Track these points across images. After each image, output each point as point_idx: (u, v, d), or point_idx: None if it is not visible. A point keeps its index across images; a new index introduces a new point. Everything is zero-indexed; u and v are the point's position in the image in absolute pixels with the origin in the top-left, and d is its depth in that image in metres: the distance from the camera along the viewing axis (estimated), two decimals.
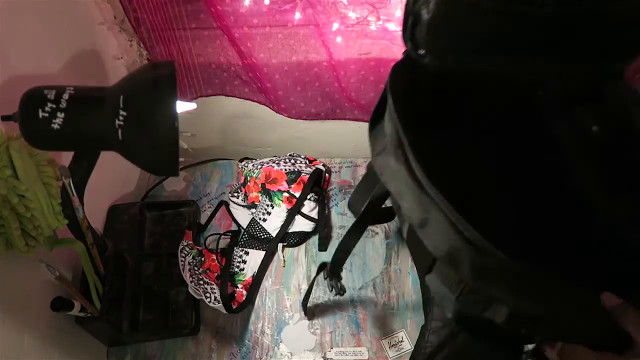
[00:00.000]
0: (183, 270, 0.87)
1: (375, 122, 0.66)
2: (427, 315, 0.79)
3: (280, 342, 0.87)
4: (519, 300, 0.49)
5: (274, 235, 0.98)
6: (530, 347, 0.58)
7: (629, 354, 0.47)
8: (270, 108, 1.10)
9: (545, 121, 0.68)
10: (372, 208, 0.74)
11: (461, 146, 0.71)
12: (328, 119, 1.13)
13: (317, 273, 0.85)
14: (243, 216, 1.03)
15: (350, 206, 0.96)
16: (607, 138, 0.67)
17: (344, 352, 0.85)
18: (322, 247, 0.99)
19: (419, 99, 0.69)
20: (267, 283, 0.95)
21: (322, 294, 0.93)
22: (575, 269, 0.52)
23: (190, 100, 1.06)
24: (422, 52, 0.66)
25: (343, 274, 0.94)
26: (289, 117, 1.10)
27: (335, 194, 1.09)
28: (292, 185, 1.00)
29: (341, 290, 0.87)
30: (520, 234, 0.59)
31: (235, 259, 0.97)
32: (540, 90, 0.70)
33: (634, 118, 0.64)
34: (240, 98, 1.08)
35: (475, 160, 0.68)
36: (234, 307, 0.88)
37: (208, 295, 0.84)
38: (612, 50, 0.62)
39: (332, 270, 0.83)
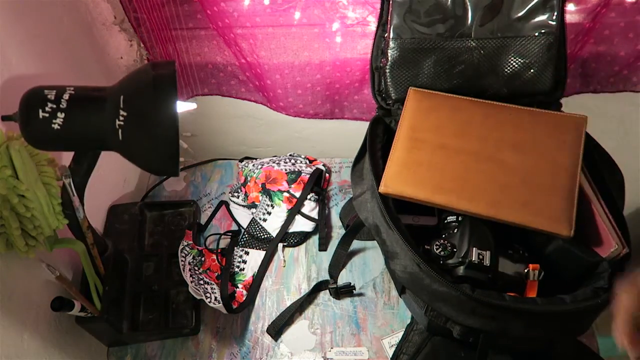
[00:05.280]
0: (183, 270, 0.87)
1: (357, 161, 0.82)
2: (412, 319, 0.85)
3: (281, 342, 0.87)
4: (464, 318, 0.63)
5: (274, 235, 0.98)
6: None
7: None
8: (267, 106, 1.10)
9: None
10: (357, 225, 0.86)
11: None
12: (327, 119, 1.13)
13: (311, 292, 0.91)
14: (243, 216, 1.03)
15: (340, 218, 1.04)
16: None
17: (344, 352, 0.85)
18: (323, 247, 0.99)
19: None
20: (267, 283, 0.95)
21: (322, 294, 0.93)
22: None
23: (186, 99, 1.06)
24: (390, 102, 0.84)
25: (343, 273, 0.95)
26: (287, 114, 1.10)
27: (336, 194, 1.09)
28: (293, 185, 1.00)
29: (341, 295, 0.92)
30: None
31: (235, 259, 0.97)
32: None
33: None
34: (236, 98, 1.08)
35: None
36: (234, 307, 0.88)
37: (208, 295, 0.84)
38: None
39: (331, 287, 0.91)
